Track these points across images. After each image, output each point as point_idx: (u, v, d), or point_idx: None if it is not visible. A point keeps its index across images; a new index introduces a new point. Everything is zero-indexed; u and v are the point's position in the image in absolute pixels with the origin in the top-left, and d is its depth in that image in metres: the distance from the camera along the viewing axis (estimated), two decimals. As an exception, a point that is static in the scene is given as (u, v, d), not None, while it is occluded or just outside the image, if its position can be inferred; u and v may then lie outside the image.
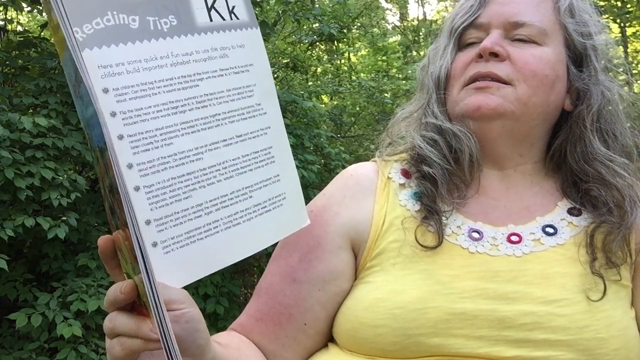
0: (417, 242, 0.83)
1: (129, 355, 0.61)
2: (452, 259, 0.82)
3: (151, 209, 0.58)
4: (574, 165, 0.88)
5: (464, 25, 0.90)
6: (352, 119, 8.42)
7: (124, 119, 0.57)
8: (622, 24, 9.49)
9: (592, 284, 0.80)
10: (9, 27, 4.64)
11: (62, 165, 3.57)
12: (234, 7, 0.65)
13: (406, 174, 0.91)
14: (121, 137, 0.57)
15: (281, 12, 5.90)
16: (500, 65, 0.85)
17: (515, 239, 0.84)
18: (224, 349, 0.74)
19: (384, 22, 11.56)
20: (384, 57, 9.65)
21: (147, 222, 0.58)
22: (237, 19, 0.66)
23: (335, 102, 8.50)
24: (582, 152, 0.87)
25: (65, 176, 3.46)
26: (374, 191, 0.90)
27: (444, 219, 0.84)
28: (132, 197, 0.55)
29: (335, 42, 7.18)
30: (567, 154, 0.89)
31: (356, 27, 8.73)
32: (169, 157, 0.60)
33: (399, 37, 11.04)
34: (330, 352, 0.86)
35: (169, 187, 0.60)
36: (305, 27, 6.81)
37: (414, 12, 21.12)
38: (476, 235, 0.84)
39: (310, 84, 8.18)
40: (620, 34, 9.75)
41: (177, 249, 0.60)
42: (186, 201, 0.61)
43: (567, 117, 0.90)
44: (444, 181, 0.86)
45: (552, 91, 0.86)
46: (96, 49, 0.56)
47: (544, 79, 0.85)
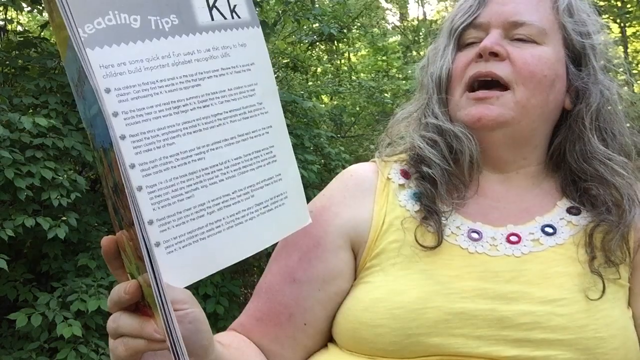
0: (417, 242, 0.83)
1: (132, 355, 0.61)
2: (451, 259, 0.82)
3: (154, 209, 0.58)
4: (573, 164, 0.88)
5: (463, 25, 0.90)
6: (352, 119, 8.42)
7: (125, 119, 0.57)
8: (622, 24, 9.48)
9: (591, 283, 0.80)
10: (9, 27, 4.64)
11: (62, 165, 3.57)
12: (235, 6, 0.65)
13: (405, 174, 0.92)
14: (123, 137, 0.57)
15: (281, 12, 5.90)
16: (499, 64, 0.85)
17: (514, 239, 0.84)
18: (225, 349, 0.74)
19: (384, 22, 11.57)
20: (384, 57, 9.65)
21: (150, 222, 0.58)
22: (239, 17, 0.66)
23: (335, 102, 8.49)
24: (581, 150, 0.87)
25: (65, 176, 3.46)
26: (373, 191, 0.90)
27: (443, 219, 0.84)
28: (135, 197, 0.55)
29: (335, 42, 7.18)
30: (566, 152, 0.89)
31: (356, 27, 8.72)
32: (171, 157, 0.60)
33: (399, 37, 11.04)
34: (329, 352, 0.86)
35: (171, 187, 0.60)
36: (305, 27, 6.80)
37: (414, 12, 21.12)
38: (475, 235, 0.84)
39: (310, 84, 8.18)
40: (620, 34, 9.75)
41: (179, 248, 0.60)
42: (188, 201, 0.61)
43: (567, 117, 0.90)
44: (443, 182, 0.87)
45: (552, 90, 0.86)
46: (98, 48, 0.56)
47: (543, 79, 0.85)
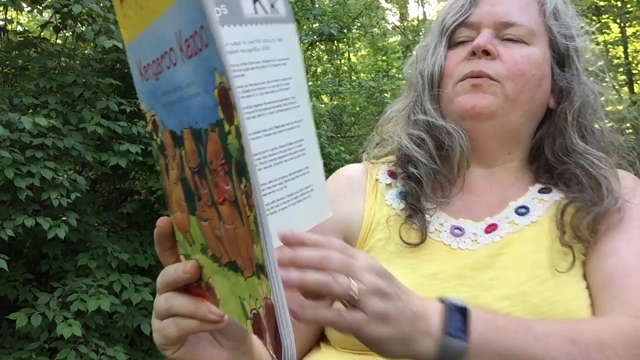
0: (402, 240, 0.85)
1: (183, 336, 0.62)
2: (434, 254, 0.84)
3: None
4: (550, 157, 0.90)
5: (455, 23, 0.92)
6: (352, 119, 8.44)
7: None
8: (622, 24, 9.49)
9: (561, 257, 0.81)
10: (9, 27, 4.64)
11: (62, 165, 3.57)
12: (274, 2, 0.66)
13: (392, 174, 0.94)
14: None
15: (281, 12, 5.89)
16: (491, 63, 0.87)
17: (491, 228, 0.86)
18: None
19: (384, 22, 11.58)
20: (384, 57, 9.67)
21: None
22: (278, 13, 0.66)
23: (335, 102, 8.51)
24: (560, 145, 0.89)
25: (65, 176, 3.46)
26: (364, 191, 0.93)
27: (427, 216, 0.87)
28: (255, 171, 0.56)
29: (335, 42, 7.19)
30: (545, 147, 0.91)
31: (356, 27, 8.74)
32: None
33: (399, 37, 11.05)
34: (322, 351, 0.86)
35: None
36: (305, 27, 6.81)
37: (414, 12, 21.15)
38: (458, 231, 0.86)
39: (310, 84, 8.19)
40: (620, 34, 9.76)
41: None
42: None
43: (550, 115, 0.92)
44: (429, 181, 0.89)
45: (539, 89, 0.89)
46: None
47: (531, 78, 0.87)
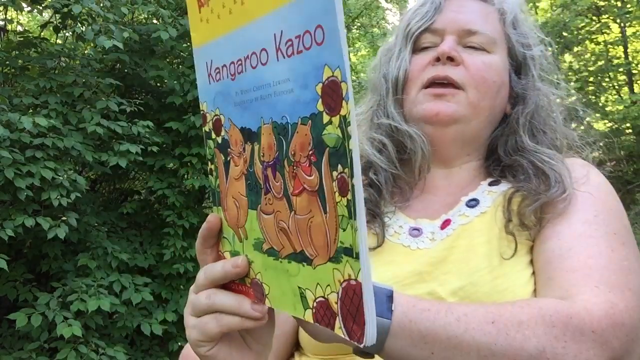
0: None
1: (224, 332, 0.62)
2: (394, 256, 0.86)
3: None
4: (502, 154, 0.92)
5: (420, 29, 0.94)
6: (352, 119, 8.40)
7: None
8: (622, 24, 9.50)
9: (507, 243, 0.82)
10: (9, 27, 4.64)
11: (62, 165, 3.57)
12: None
13: None
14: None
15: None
16: (455, 69, 0.89)
17: (446, 224, 0.88)
18: None
19: (384, 22, 11.57)
20: (384, 57, 9.63)
21: None
22: None
23: (335, 102, 8.47)
24: (512, 145, 0.92)
25: (65, 176, 3.47)
26: None
27: (387, 219, 0.89)
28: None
29: (335, 42, 7.14)
30: (498, 146, 0.93)
31: (356, 27, 8.73)
32: None
33: (399, 37, 11.02)
34: None
35: None
36: (305, 27, 6.78)
37: (414, 12, 21.08)
38: (416, 232, 0.88)
39: (310, 84, 8.16)
40: (620, 34, 9.77)
41: None
42: None
43: (505, 119, 0.95)
44: (388, 187, 0.92)
45: (498, 96, 0.92)
46: None
47: (492, 85, 0.90)
